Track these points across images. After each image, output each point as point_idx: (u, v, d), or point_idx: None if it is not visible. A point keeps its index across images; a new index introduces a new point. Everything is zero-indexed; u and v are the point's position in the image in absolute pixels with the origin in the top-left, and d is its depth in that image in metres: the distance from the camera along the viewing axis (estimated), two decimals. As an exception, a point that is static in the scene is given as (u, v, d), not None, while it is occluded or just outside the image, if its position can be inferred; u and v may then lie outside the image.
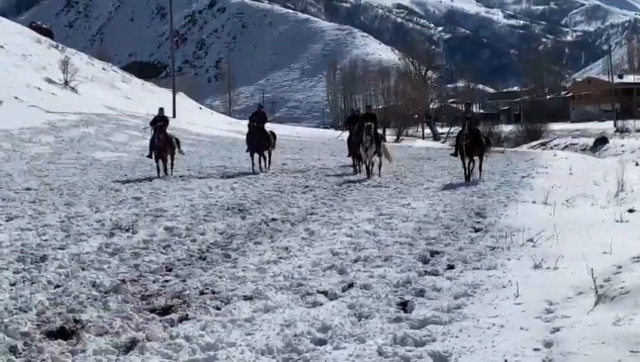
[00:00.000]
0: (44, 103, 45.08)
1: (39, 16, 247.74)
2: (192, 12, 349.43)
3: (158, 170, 24.56)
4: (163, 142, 24.71)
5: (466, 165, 22.80)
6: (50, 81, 55.62)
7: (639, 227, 12.34)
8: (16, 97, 43.37)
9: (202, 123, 59.06)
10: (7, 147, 31.09)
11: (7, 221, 14.60)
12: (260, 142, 26.90)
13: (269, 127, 28.96)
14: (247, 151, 27.45)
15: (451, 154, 24.87)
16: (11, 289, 9.21)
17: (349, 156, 27.86)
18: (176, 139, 26.39)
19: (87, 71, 65.11)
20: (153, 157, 24.98)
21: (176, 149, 25.88)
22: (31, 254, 11.17)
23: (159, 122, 25.30)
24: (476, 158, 23.23)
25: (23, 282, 9.61)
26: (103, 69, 77.36)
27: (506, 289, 8.84)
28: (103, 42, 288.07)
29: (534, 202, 17.13)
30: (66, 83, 57.07)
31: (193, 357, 7.08)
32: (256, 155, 26.85)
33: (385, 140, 25.54)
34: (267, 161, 27.46)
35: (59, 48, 73.55)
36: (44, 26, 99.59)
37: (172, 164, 25.48)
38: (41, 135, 36.21)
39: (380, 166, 25.15)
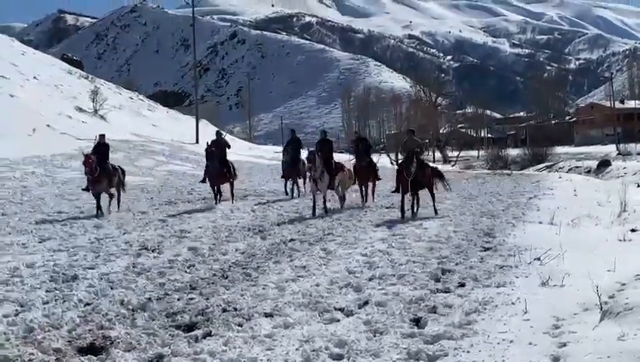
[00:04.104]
0: (74, 131, 45.23)
1: (70, 48, 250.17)
2: (214, 43, 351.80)
3: (97, 207, 20.02)
4: (96, 174, 20.22)
5: (405, 201, 18.97)
6: (80, 109, 55.86)
7: (642, 246, 12.28)
8: (48, 125, 43.61)
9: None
10: (40, 172, 31.24)
11: (40, 242, 14.67)
12: (220, 171, 22.71)
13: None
14: (201, 181, 23.70)
15: (392, 192, 20.58)
16: (44, 308, 9.24)
17: (282, 178, 26.47)
18: (121, 169, 22.33)
19: (115, 100, 65.38)
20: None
21: (122, 182, 22.00)
22: (63, 274, 11.21)
23: (101, 147, 21.30)
24: (426, 193, 19.69)
25: (55, 300, 9.64)
26: (130, 98, 77.69)
27: (514, 306, 8.81)
28: (130, 72, 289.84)
29: (541, 222, 17.07)
30: (96, 111, 57.29)
31: (217, 372, 7.09)
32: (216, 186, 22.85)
33: (342, 170, 21.52)
34: (230, 193, 23.27)
35: (89, 79, 73.95)
36: (74, 57, 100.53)
37: (118, 199, 21.49)
38: (72, 161, 36.26)
39: (342, 198, 21.82)
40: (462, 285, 10.33)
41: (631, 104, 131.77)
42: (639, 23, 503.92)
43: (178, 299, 9.82)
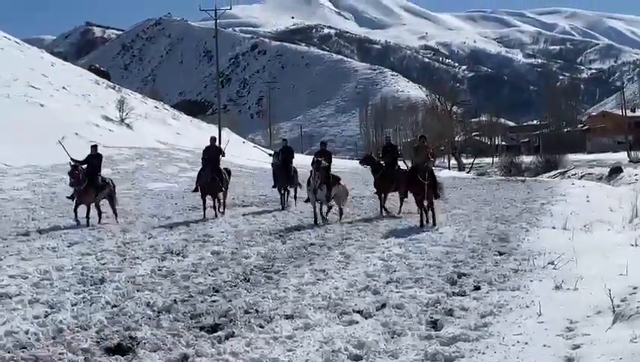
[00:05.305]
0: (101, 139, 45.38)
1: (98, 59, 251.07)
2: (235, 55, 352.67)
3: (76, 219, 18.76)
4: (83, 185, 19.11)
5: (421, 209, 18.10)
6: (107, 118, 56.13)
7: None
8: (76, 133, 43.73)
9: (245, 155, 59.31)
10: (68, 179, 31.41)
11: (69, 246, 14.76)
12: (212, 181, 21.02)
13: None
14: (193, 191, 22.23)
15: (402, 197, 20.10)
16: (73, 309, 9.29)
17: (273, 187, 24.68)
18: (112, 183, 20.64)
19: (141, 109, 65.60)
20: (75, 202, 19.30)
21: (113, 195, 20.37)
22: (90, 277, 11.28)
23: (93, 159, 20.06)
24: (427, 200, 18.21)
25: (84, 302, 9.70)
26: (155, 107, 77.97)
27: (529, 309, 8.77)
28: (156, 83, 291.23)
29: (554, 227, 16.98)
30: (122, 120, 57.56)
31: (239, 372, 7.10)
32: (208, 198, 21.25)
33: (338, 183, 20.37)
34: (222, 204, 21.70)
35: (115, 89, 74.32)
36: (102, 68, 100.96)
37: (114, 211, 20.16)
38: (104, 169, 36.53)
39: (340, 212, 20.44)
40: (477, 288, 10.29)
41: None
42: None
43: (202, 301, 9.84)
